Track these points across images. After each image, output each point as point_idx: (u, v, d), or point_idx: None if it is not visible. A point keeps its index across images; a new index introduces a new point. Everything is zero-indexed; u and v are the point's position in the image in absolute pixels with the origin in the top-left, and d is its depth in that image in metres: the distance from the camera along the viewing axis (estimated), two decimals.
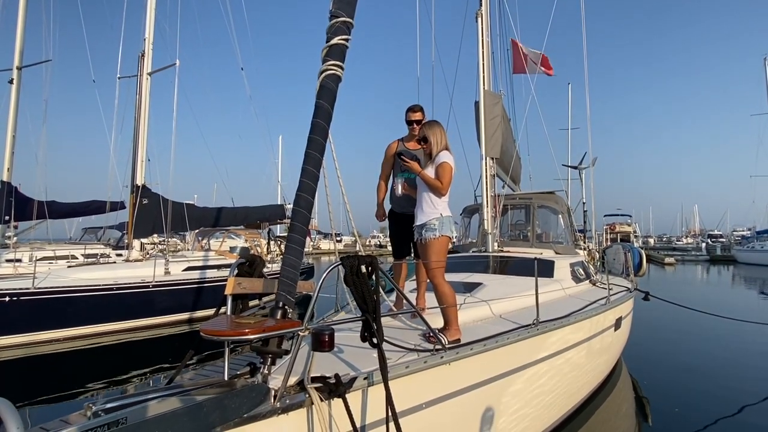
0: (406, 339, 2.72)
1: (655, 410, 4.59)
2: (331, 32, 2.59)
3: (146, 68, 10.44)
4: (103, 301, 8.08)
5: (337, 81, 2.50)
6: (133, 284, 8.53)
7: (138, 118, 10.42)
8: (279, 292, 1.96)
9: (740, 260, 32.06)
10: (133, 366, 6.33)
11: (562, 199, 7.71)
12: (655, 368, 6.06)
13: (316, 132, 2.33)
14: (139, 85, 10.49)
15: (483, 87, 6.26)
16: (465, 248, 7.20)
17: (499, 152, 6.45)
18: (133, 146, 10.53)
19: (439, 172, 3.05)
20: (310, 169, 2.25)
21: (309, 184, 2.22)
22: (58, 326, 7.64)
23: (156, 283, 8.77)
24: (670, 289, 15.51)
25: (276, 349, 1.84)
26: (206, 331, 1.67)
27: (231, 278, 2.11)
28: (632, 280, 6.51)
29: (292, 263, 2.04)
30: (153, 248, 11.79)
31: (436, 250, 2.98)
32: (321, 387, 1.86)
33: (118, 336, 8.11)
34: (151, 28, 10.58)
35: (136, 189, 10.22)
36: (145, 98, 10.43)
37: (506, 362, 2.93)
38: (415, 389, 2.31)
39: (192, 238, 13.50)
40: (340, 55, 2.54)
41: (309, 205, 2.19)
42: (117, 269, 9.17)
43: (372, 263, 2.02)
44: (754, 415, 4.44)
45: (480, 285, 4.25)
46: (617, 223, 44.20)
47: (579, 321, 3.77)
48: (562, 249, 6.65)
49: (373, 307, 1.98)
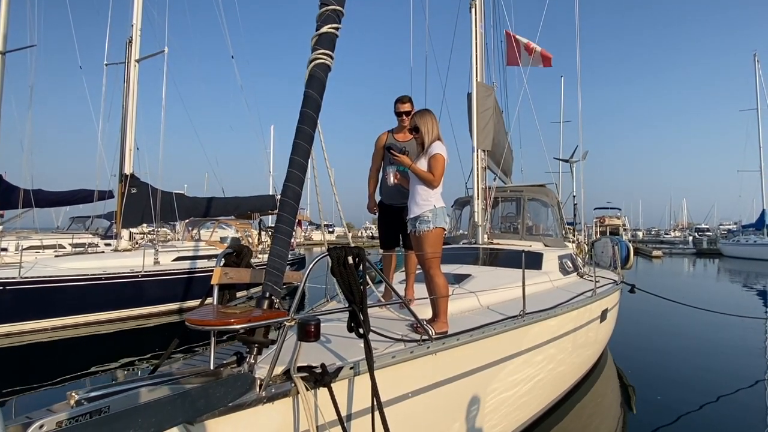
0: (394, 330, 2.74)
1: (640, 398, 4.70)
2: (321, 20, 2.56)
3: (134, 55, 10.24)
4: (91, 290, 8.01)
5: (327, 70, 2.48)
6: (122, 274, 8.46)
7: (126, 106, 10.25)
8: (265, 283, 1.96)
9: (726, 253, 32.65)
10: (121, 356, 6.31)
11: (553, 192, 7.77)
12: (640, 358, 6.19)
13: (304, 122, 2.31)
14: (126, 72, 10.30)
15: (476, 79, 6.24)
16: (455, 240, 7.24)
17: (491, 144, 6.45)
18: (121, 134, 10.38)
19: (431, 164, 3.03)
20: (298, 159, 2.23)
21: (297, 175, 2.21)
22: (45, 316, 7.56)
23: (145, 273, 8.71)
24: (657, 282, 15.76)
25: (262, 339, 1.84)
26: (191, 321, 1.67)
27: (217, 268, 2.10)
28: (619, 273, 6.60)
29: (279, 253, 2.03)
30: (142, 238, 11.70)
31: (431, 242, 2.99)
32: (306, 376, 1.87)
33: (106, 326, 8.06)
34: (138, 13, 10.37)
35: (124, 178, 10.09)
36: (133, 86, 10.25)
37: (492, 353, 2.97)
38: (401, 379, 2.33)
39: (182, 228, 13.39)
40: (330, 44, 2.52)
41: (297, 195, 2.18)
42: (105, 259, 9.08)
43: (359, 254, 2.02)
44: (732, 402, 4.58)
45: (469, 276, 4.29)
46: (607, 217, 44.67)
47: (565, 312, 3.82)
48: (552, 242, 6.72)
49: (360, 298, 1.98)
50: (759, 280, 17.62)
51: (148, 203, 9.95)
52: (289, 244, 2.08)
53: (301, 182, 2.23)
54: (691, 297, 10.36)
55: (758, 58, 29.65)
